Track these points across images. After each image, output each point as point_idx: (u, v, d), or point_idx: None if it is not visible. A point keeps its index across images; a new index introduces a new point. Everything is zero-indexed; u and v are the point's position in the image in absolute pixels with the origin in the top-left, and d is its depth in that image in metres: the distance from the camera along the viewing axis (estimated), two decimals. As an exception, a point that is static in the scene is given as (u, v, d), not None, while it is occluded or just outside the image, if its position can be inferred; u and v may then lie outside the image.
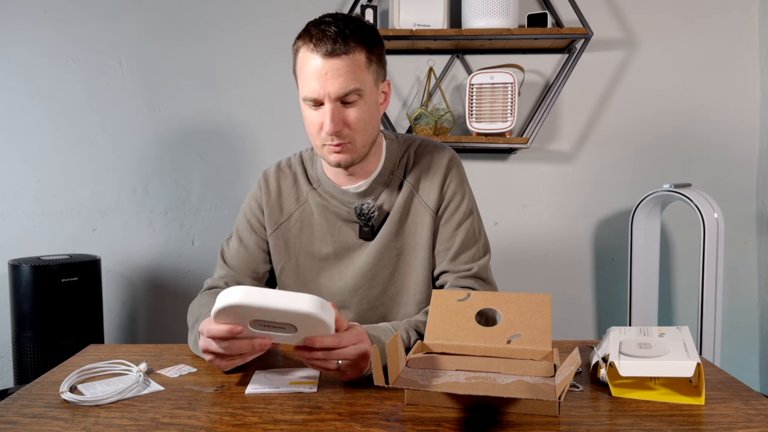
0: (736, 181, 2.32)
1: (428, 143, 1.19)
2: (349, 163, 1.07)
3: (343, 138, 1.03)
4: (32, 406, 0.84)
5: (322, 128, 1.03)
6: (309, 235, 1.17)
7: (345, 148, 1.04)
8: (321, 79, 0.99)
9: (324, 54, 0.98)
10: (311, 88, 1.00)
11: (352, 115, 1.02)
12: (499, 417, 0.78)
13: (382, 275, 1.16)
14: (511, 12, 2.13)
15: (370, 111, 1.05)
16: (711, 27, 2.30)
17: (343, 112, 1.02)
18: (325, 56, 0.98)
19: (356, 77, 1.00)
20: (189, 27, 2.35)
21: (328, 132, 1.01)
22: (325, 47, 0.98)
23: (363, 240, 1.15)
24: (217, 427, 0.76)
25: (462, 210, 1.16)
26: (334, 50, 0.98)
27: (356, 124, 1.03)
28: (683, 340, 0.89)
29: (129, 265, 2.39)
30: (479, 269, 1.14)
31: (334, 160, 1.06)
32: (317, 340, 0.85)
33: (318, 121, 1.03)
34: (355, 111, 1.02)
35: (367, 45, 1.02)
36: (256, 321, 0.84)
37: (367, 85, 1.03)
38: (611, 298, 2.37)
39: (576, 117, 2.34)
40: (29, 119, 2.34)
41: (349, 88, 1.00)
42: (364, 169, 1.13)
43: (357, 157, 1.07)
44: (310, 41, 0.99)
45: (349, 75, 0.99)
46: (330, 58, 0.98)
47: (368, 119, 1.05)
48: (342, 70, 0.99)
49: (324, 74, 0.99)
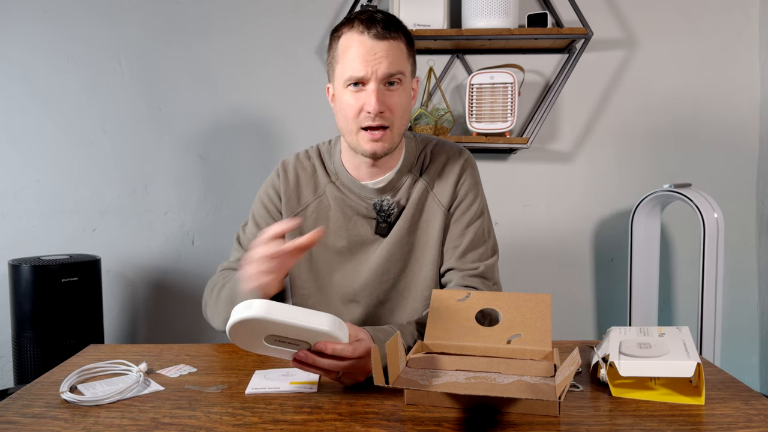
0: (736, 181, 2.32)
1: (444, 143, 1.22)
2: (385, 152, 1.09)
3: (384, 120, 1.05)
4: (32, 406, 0.84)
5: (361, 111, 1.05)
6: (324, 227, 1.18)
7: (383, 136, 1.06)
8: (369, 59, 1.03)
9: (374, 35, 1.03)
10: (357, 68, 1.03)
11: (395, 99, 1.06)
12: (499, 417, 0.78)
13: (393, 270, 1.16)
14: (511, 12, 2.13)
15: (407, 98, 1.10)
16: (711, 26, 2.30)
17: (386, 95, 1.05)
18: (375, 37, 1.03)
19: (401, 61, 1.06)
20: (189, 27, 2.35)
21: (373, 110, 1.03)
22: (376, 29, 1.03)
23: (378, 235, 1.16)
24: (217, 427, 0.76)
25: (473, 210, 1.17)
26: (384, 33, 1.03)
27: (396, 108, 1.06)
28: (683, 340, 0.89)
29: (129, 265, 2.39)
30: (485, 269, 1.15)
31: (370, 148, 1.08)
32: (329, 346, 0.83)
33: (358, 103, 1.05)
34: (396, 95, 1.06)
35: (407, 37, 1.09)
36: (272, 336, 0.83)
37: (407, 73, 1.08)
38: (611, 298, 2.37)
39: (576, 117, 2.34)
40: (29, 119, 2.34)
41: (396, 68, 1.04)
42: (386, 164, 1.14)
43: (391, 147, 1.09)
44: (361, 24, 1.04)
45: (396, 57, 1.05)
46: (380, 39, 1.03)
47: (406, 106, 1.09)
48: (390, 52, 1.04)
49: (373, 54, 1.03)
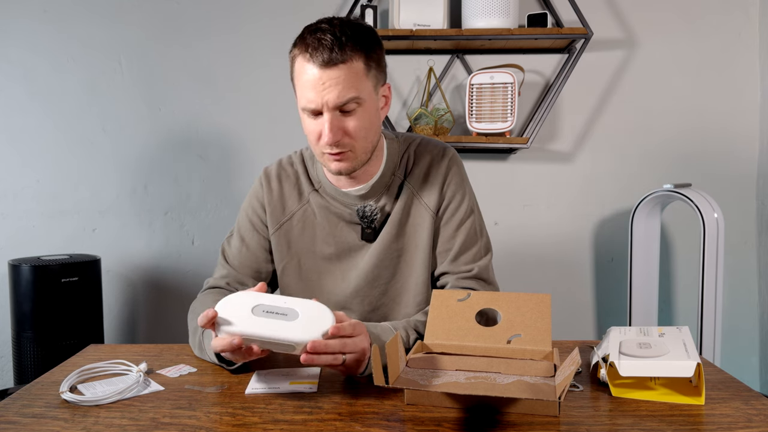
0: (736, 181, 2.32)
1: (428, 142, 1.19)
2: (350, 170, 1.06)
3: (342, 147, 1.02)
4: (32, 406, 0.84)
5: (320, 137, 1.02)
6: (311, 235, 1.17)
7: (345, 156, 1.04)
8: (318, 89, 0.97)
9: (321, 64, 0.96)
10: (309, 98, 0.99)
11: (351, 124, 1.01)
12: (499, 417, 0.78)
13: (384, 276, 1.16)
14: (511, 12, 2.13)
15: (370, 118, 1.03)
16: (711, 27, 2.30)
17: (342, 121, 1.01)
18: (322, 66, 0.96)
19: (354, 86, 0.99)
20: (189, 27, 2.35)
21: (327, 142, 1.00)
22: (322, 57, 0.96)
23: (365, 241, 1.15)
24: (217, 427, 0.76)
25: (462, 210, 1.15)
26: (330, 59, 0.96)
27: (356, 132, 1.02)
28: (683, 340, 0.89)
29: (129, 265, 2.39)
30: (480, 270, 1.14)
31: (335, 168, 1.06)
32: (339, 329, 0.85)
33: (317, 130, 1.02)
34: (354, 119, 1.01)
35: (365, 51, 1.00)
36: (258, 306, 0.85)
37: (366, 93, 1.01)
38: (611, 298, 2.37)
39: (576, 117, 2.34)
40: (29, 119, 2.34)
41: (347, 97, 0.98)
42: (365, 173, 1.12)
43: (358, 164, 1.06)
44: (306, 51, 0.98)
45: (347, 84, 0.98)
46: (327, 68, 0.96)
47: (368, 126, 1.04)
48: (339, 79, 0.97)
49: (321, 84, 0.97)
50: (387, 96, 1.10)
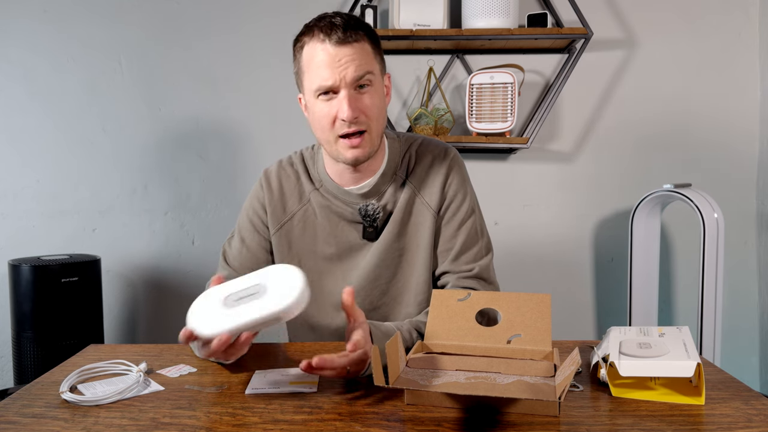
0: (736, 181, 2.32)
1: (429, 142, 1.19)
2: (366, 156, 1.07)
3: (360, 125, 1.04)
4: (32, 406, 0.84)
5: (335, 120, 1.03)
6: (312, 235, 1.17)
7: (362, 141, 1.05)
8: (334, 66, 1.01)
9: (336, 42, 1.00)
10: (325, 77, 1.01)
11: (368, 101, 1.04)
12: (499, 417, 0.78)
13: (385, 276, 1.16)
14: (511, 12, 2.13)
15: (381, 99, 1.08)
16: (711, 27, 2.30)
17: (358, 99, 1.03)
18: (338, 44, 1.01)
19: (368, 62, 1.04)
20: (189, 27, 2.35)
21: (347, 117, 1.01)
22: (337, 35, 1.00)
23: (366, 240, 1.15)
24: (217, 427, 0.76)
25: (463, 210, 1.16)
26: (345, 38, 1.01)
27: (371, 110, 1.04)
28: (683, 340, 0.89)
29: (129, 265, 2.39)
30: (481, 269, 1.14)
31: (351, 155, 1.06)
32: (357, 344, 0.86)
33: (332, 112, 1.03)
34: (369, 97, 1.04)
35: (370, 36, 1.06)
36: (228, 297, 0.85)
37: (377, 71, 1.06)
38: (611, 298, 2.37)
39: (576, 117, 2.34)
40: (29, 119, 2.34)
41: (364, 70, 1.02)
42: (368, 168, 1.13)
43: (372, 150, 1.08)
44: (320, 32, 1.02)
45: (363, 59, 1.02)
46: (342, 45, 1.01)
47: (381, 106, 1.07)
48: (355, 55, 1.01)
49: (338, 61, 1.01)
50: (389, 86, 1.14)
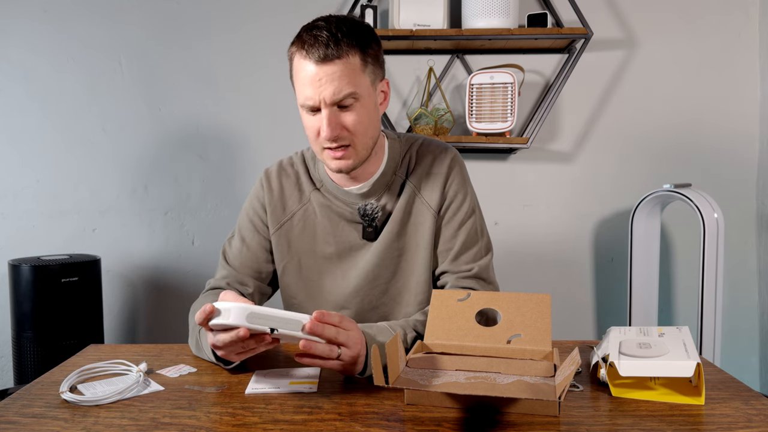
0: (736, 181, 2.32)
1: (430, 142, 1.19)
2: (350, 168, 1.07)
3: (342, 141, 1.03)
4: (32, 406, 0.84)
5: (320, 134, 1.03)
6: (311, 235, 1.17)
7: (346, 153, 1.04)
8: (315, 85, 0.99)
9: (317, 60, 0.98)
10: (307, 95, 1.00)
11: (350, 119, 1.02)
12: (499, 417, 0.78)
13: (384, 275, 1.16)
14: (511, 12, 2.13)
15: (368, 113, 1.04)
16: (711, 27, 2.30)
17: (340, 117, 1.02)
18: (318, 62, 0.98)
19: (351, 81, 0.99)
20: (189, 27, 2.35)
21: (325, 137, 1.01)
22: (318, 53, 0.97)
23: (366, 240, 1.15)
24: (217, 427, 0.76)
25: (464, 210, 1.16)
26: (326, 55, 0.97)
27: (354, 127, 1.03)
28: (683, 340, 0.89)
29: (129, 265, 2.39)
30: (480, 269, 1.14)
31: (335, 166, 1.06)
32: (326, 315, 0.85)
33: (315, 126, 1.03)
34: (352, 115, 1.02)
35: (361, 47, 1.01)
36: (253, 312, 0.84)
37: (364, 88, 1.02)
38: (611, 298, 2.37)
39: (576, 117, 2.34)
40: (29, 119, 2.34)
41: (344, 92, 0.99)
42: (366, 171, 1.13)
43: (358, 161, 1.07)
44: (303, 48, 0.99)
45: (343, 79, 0.99)
46: (323, 63, 0.98)
47: (367, 122, 1.04)
48: (336, 75, 0.98)
49: (318, 80, 0.98)
50: (386, 92, 1.11)
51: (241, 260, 1.18)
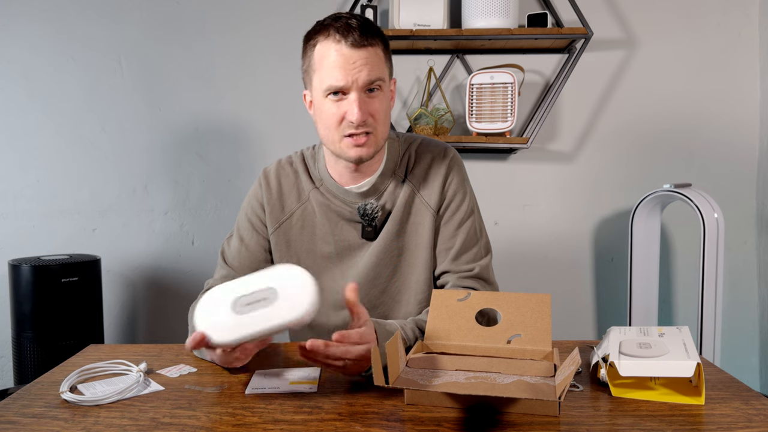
0: (736, 181, 2.32)
1: (429, 142, 1.20)
2: (369, 156, 1.08)
3: (367, 127, 1.05)
4: (32, 406, 0.84)
5: (343, 120, 1.04)
6: (311, 234, 1.17)
7: (368, 140, 1.06)
8: (348, 68, 1.01)
9: (351, 44, 1.01)
10: (337, 77, 1.02)
11: (376, 105, 1.05)
12: (499, 417, 0.78)
13: (384, 275, 1.16)
14: (511, 12, 2.13)
15: (388, 103, 1.10)
16: (711, 27, 2.30)
17: (368, 102, 1.04)
18: (353, 46, 1.01)
19: (380, 67, 1.05)
20: (189, 27, 2.35)
21: (356, 120, 1.02)
22: (353, 37, 1.01)
23: (365, 240, 1.15)
24: (217, 427, 0.76)
25: (463, 209, 1.16)
26: (361, 41, 1.01)
27: (379, 114, 1.06)
28: (683, 340, 0.89)
29: (129, 265, 2.39)
30: (481, 270, 1.14)
31: (356, 154, 1.07)
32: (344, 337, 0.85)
33: (340, 112, 1.04)
34: (378, 101, 1.05)
35: (383, 40, 1.07)
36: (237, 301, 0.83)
37: (386, 77, 1.08)
38: (611, 298, 2.37)
39: (576, 117, 2.34)
40: (29, 119, 2.34)
41: (376, 75, 1.03)
42: (368, 168, 1.13)
43: (376, 150, 1.08)
44: (336, 32, 1.02)
45: (375, 64, 1.03)
46: (358, 48, 1.01)
47: (387, 111, 1.09)
48: (368, 59, 1.02)
49: (352, 63, 1.01)
50: (393, 90, 1.14)
51: (239, 260, 1.18)
